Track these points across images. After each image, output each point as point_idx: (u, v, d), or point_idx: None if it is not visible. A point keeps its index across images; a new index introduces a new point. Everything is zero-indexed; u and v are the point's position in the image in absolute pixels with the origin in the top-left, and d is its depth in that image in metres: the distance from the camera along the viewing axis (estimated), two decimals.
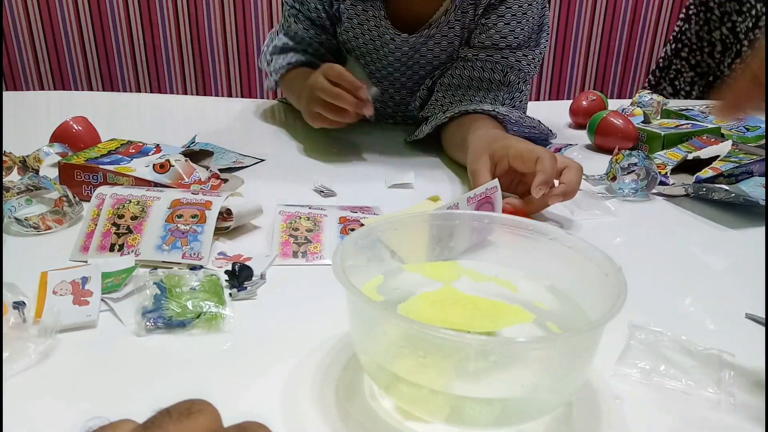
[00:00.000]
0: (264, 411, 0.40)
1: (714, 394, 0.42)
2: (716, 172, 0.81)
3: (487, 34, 0.95)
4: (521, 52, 0.96)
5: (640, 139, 1.01)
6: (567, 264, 0.45)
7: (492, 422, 0.37)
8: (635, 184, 0.80)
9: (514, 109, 0.95)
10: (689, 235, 0.71)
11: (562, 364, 0.37)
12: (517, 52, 0.96)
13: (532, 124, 0.96)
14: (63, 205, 0.65)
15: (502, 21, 0.94)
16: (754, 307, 0.54)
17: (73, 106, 1.21)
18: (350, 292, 0.37)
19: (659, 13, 2.52)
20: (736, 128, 1.07)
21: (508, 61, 0.96)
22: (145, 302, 0.49)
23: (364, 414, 0.40)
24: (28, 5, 2.32)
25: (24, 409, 0.39)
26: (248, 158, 0.89)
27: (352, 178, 0.84)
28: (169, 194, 0.64)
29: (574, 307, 0.44)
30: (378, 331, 0.39)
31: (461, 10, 0.95)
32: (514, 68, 0.96)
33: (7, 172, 0.76)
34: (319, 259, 0.60)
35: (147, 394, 0.41)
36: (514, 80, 0.97)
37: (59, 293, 0.50)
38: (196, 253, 0.58)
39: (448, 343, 0.34)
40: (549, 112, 1.16)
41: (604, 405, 0.41)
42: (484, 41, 0.95)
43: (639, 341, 0.47)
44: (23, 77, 2.42)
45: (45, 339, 0.44)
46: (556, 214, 0.75)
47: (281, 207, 0.67)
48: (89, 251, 0.58)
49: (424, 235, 0.49)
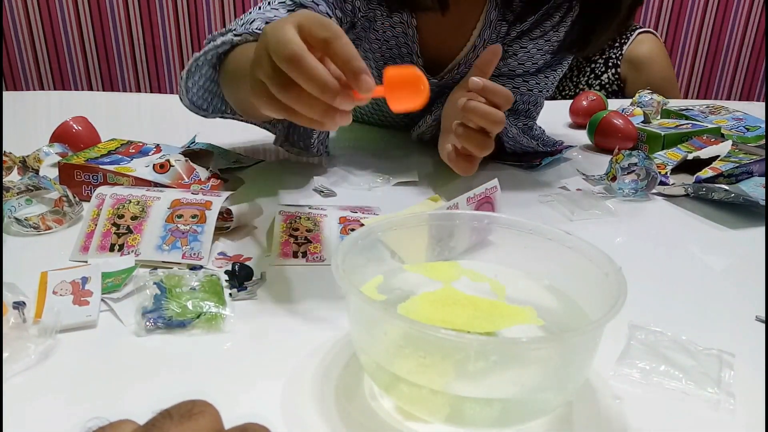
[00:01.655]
0: (264, 411, 0.40)
1: (714, 395, 0.42)
2: (716, 172, 0.81)
3: (505, 62, 0.90)
4: (536, 79, 0.91)
5: (640, 139, 1.01)
6: (567, 264, 0.45)
7: (492, 422, 0.37)
8: (635, 184, 0.80)
9: (514, 127, 0.90)
10: (689, 235, 0.71)
11: (563, 364, 0.37)
12: (531, 80, 0.91)
13: (530, 145, 0.91)
14: (63, 205, 0.65)
15: (524, 50, 0.89)
16: (754, 307, 0.54)
17: (73, 106, 1.21)
18: (350, 292, 0.37)
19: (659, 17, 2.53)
20: (736, 128, 1.07)
21: (519, 90, 0.91)
22: (145, 302, 0.49)
23: (364, 414, 0.40)
24: (28, 5, 2.32)
25: (24, 409, 0.39)
26: (248, 158, 0.89)
27: (352, 178, 0.84)
28: (169, 194, 0.64)
29: (574, 307, 0.44)
30: (378, 331, 0.39)
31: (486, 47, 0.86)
32: (525, 95, 0.92)
33: (7, 172, 0.76)
34: (319, 259, 0.60)
35: (147, 395, 0.41)
36: (523, 108, 0.93)
37: (59, 293, 0.50)
38: (196, 253, 0.58)
39: (448, 343, 0.34)
40: (549, 111, 1.16)
41: (604, 405, 0.41)
42: (500, 68, 0.90)
43: (639, 341, 0.47)
44: (23, 77, 2.42)
45: (45, 339, 0.44)
46: (556, 214, 0.75)
47: (281, 207, 0.67)
48: (89, 251, 0.58)
49: (424, 235, 0.50)
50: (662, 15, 2.53)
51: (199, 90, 0.79)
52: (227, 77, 0.74)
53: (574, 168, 0.89)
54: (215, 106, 0.83)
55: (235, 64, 0.71)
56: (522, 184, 0.86)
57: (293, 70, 0.47)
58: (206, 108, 0.82)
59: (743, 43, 2.60)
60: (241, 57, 0.69)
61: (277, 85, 0.49)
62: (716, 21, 2.56)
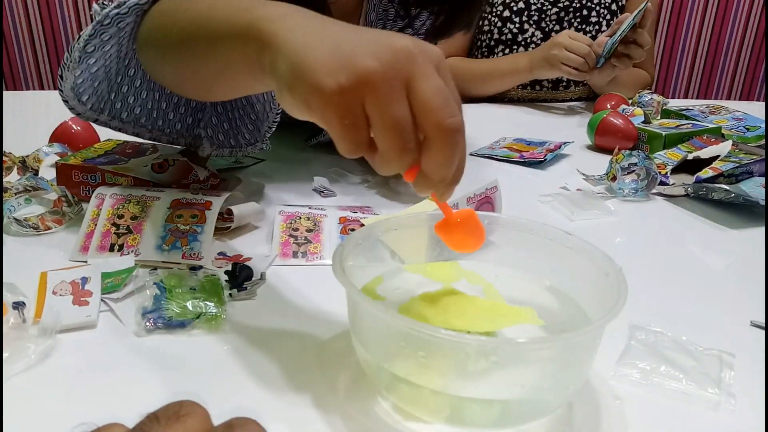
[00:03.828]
0: (264, 411, 0.39)
1: (714, 395, 0.42)
2: (716, 172, 0.81)
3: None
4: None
5: (640, 139, 1.01)
6: (567, 264, 0.45)
7: (492, 423, 0.37)
8: (635, 184, 0.80)
9: None
10: (689, 235, 0.71)
11: (563, 364, 0.37)
12: None
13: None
14: (62, 206, 0.65)
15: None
16: (754, 308, 0.54)
17: None
18: (350, 292, 0.37)
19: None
20: (736, 128, 1.07)
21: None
22: (145, 302, 0.49)
23: (364, 414, 0.40)
24: (28, 5, 2.32)
25: (24, 409, 0.39)
26: (248, 158, 0.89)
27: (352, 178, 0.84)
28: (169, 194, 0.64)
29: (574, 308, 0.44)
30: (378, 332, 0.39)
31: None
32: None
33: (6, 172, 0.76)
34: (319, 259, 0.60)
35: (147, 395, 0.41)
36: None
37: (59, 293, 0.50)
38: (196, 253, 0.58)
39: (448, 343, 0.34)
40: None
41: (604, 405, 0.41)
42: None
43: (639, 341, 0.47)
44: (23, 77, 2.42)
45: (45, 339, 0.44)
46: (556, 214, 0.75)
47: (281, 207, 0.67)
48: (89, 251, 0.58)
49: (424, 235, 0.49)
50: (662, 15, 2.53)
51: (92, 80, 0.63)
52: (168, 41, 0.54)
53: (574, 168, 0.89)
54: (112, 101, 0.67)
55: (189, 19, 0.51)
56: (522, 184, 0.86)
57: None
58: (98, 106, 0.66)
59: (743, 43, 2.60)
60: (193, 6, 0.51)
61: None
62: (716, 21, 2.56)
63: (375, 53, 0.34)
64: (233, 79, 0.49)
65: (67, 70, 0.60)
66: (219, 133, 0.78)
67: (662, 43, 2.57)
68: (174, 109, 0.73)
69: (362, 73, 0.34)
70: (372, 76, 0.34)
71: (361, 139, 0.36)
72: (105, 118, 0.69)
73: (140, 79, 0.68)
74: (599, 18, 1.44)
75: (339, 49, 0.35)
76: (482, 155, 0.97)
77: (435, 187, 0.38)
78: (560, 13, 1.42)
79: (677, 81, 2.65)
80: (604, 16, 1.44)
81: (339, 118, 0.35)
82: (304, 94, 0.36)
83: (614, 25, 1.24)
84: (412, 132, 0.35)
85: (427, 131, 0.35)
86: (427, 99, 0.35)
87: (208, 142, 0.77)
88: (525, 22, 1.43)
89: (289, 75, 0.37)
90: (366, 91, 0.34)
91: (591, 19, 1.43)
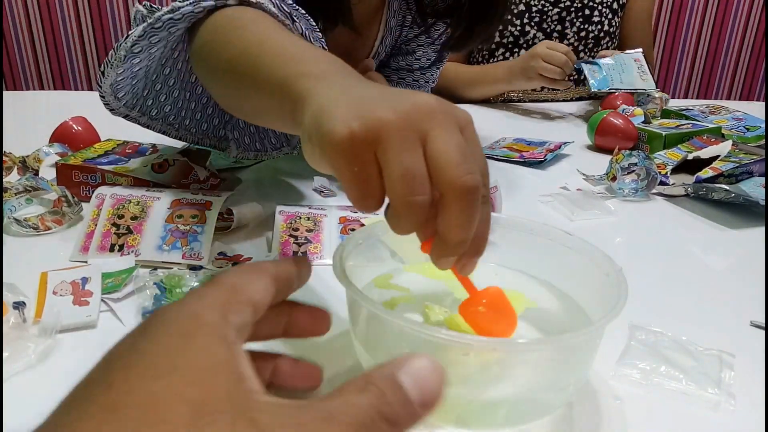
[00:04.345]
0: None
1: (714, 395, 0.42)
2: (716, 172, 0.81)
3: (405, 58, 1.03)
4: (430, 71, 1.05)
5: (641, 139, 1.01)
6: (567, 264, 0.45)
7: (492, 423, 0.37)
8: (635, 184, 0.80)
9: None
10: (689, 235, 0.71)
11: (563, 365, 0.37)
12: (427, 73, 1.04)
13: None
14: (62, 206, 0.65)
15: (421, 48, 1.02)
16: (754, 308, 0.54)
17: (72, 106, 1.21)
18: (350, 292, 0.37)
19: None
20: (736, 128, 1.07)
21: (419, 83, 1.04)
22: (145, 302, 0.49)
23: None
24: (28, 5, 2.32)
25: (24, 410, 0.39)
26: (248, 158, 0.89)
27: None
28: (169, 194, 0.64)
29: (574, 308, 0.44)
30: (378, 332, 0.39)
31: (386, 53, 1.00)
32: (423, 87, 1.05)
33: (7, 172, 0.76)
34: (319, 259, 0.60)
35: None
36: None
37: (59, 293, 0.50)
38: (196, 253, 0.58)
39: (448, 343, 0.34)
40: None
41: (604, 405, 0.41)
42: (400, 63, 1.03)
43: (639, 341, 0.47)
44: (23, 77, 2.42)
45: (45, 339, 0.44)
46: (556, 214, 0.75)
47: (281, 207, 0.67)
48: (89, 251, 0.58)
49: None
50: (662, 15, 2.53)
51: (131, 78, 0.64)
52: (218, 65, 0.53)
53: (574, 168, 0.89)
54: (150, 100, 0.70)
55: (240, 50, 0.50)
56: (522, 184, 0.86)
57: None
58: (131, 102, 0.68)
59: (743, 43, 2.60)
60: (246, 34, 0.51)
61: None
62: (716, 21, 2.56)
63: (394, 106, 0.33)
64: (271, 123, 0.51)
65: (110, 67, 0.61)
66: (245, 135, 0.79)
67: (662, 43, 2.57)
68: (202, 110, 0.76)
69: (376, 122, 0.33)
70: (385, 125, 0.32)
71: (371, 190, 0.35)
72: (135, 114, 0.71)
73: (174, 79, 0.71)
74: (601, 17, 1.44)
75: (360, 101, 0.35)
76: None
77: (452, 253, 0.35)
78: (562, 14, 1.42)
79: (677, 81, 2.65)
80: (606, 15, 1.44)
81: (348, 165, 0.34)
82: (319, 141, 0.35)
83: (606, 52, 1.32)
84: (424, 184, 0.33)
85: (441, 188, 0.33)
86: (442, 153, 0.33)
87: (234, 144, 0.78)
88: (526, 24, 1.43)
89: (310, 125, 0.36)
90: (378, 140, 0.33)
91: (593, 19, 1.43)
